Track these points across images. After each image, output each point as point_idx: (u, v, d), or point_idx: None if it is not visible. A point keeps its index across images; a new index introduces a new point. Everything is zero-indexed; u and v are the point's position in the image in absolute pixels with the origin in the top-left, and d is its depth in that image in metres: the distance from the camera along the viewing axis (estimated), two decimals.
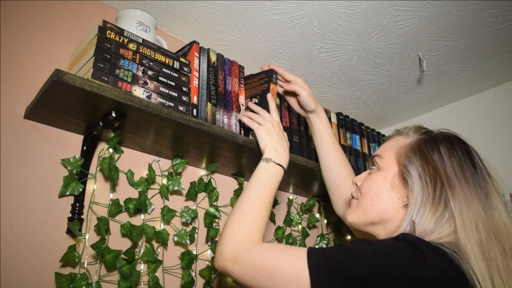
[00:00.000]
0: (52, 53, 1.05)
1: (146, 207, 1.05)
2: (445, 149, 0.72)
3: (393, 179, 0.75)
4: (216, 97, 1.14)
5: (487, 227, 0.64)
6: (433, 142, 0.74)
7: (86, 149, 1.00)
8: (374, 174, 0.79)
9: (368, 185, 0.78)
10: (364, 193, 0.78)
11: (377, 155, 0.81)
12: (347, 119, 1.65)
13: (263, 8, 1.23)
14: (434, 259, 0.58)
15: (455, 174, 0.69)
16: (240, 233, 0.73)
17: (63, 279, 0.87)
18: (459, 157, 0.71)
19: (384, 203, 0.75)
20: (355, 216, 0.80)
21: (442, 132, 0.79)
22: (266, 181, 0.84)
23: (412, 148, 0.75)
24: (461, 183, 0.68)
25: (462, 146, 0.74)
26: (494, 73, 1.61)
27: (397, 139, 0.81)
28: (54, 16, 1.08)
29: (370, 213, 0.76)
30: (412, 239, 0.61)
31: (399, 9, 1.25)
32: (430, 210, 0.67)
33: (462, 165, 0.70)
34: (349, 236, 1.67)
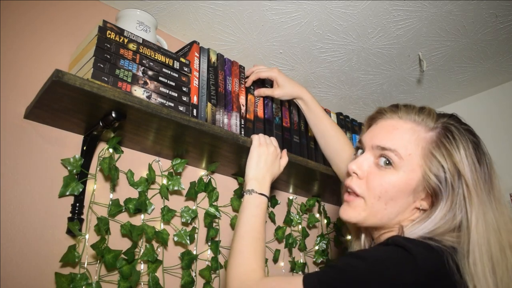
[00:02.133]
0: (52, 53, 1.05)
1: (146, 207, 1.05)
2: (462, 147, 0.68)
3: (416, 185, 0.69)
4: (216, 97, 1.14)
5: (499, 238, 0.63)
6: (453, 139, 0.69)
7: (86, 149, 1.00)
8: (391, 175, 0.70)
9: (385, 189, 0.70)
10: (377, 197, 0.71)
11: (392, 150, 0.71)
12: (347, 119, 1.65)
13: (263, 8, 1.23)
14: (425, 260, 0.58)
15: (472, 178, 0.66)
16: (241, 273, 0.74)
17: (63, 279, 0.87)
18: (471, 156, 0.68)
19: (399, 207, 0.70)
20: (361, 218, 0.73)
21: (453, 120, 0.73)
22: (253, 214, 0.85)
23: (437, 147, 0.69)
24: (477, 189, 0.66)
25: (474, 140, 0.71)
26: (494, 73, 1.61)
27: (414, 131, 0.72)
28: (54, 16, 1.08)
29: (382, 216, 0.71)
30: (401, 241, 0.61)
31: (399, 9, 1.25)
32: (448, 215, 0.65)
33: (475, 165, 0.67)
34: (349, 236, 1.67)
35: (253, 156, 0.98)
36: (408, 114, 0.74)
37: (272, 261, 1.37)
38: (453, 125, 0.72)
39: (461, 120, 0.75)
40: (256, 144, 1.00)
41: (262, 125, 1.26)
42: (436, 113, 0.75)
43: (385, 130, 0.74)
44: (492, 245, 0.62)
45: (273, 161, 0.99)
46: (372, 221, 0.73)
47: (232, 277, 0.75)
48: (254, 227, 0.83)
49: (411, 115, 0.74)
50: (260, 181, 0.93)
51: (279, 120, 1.32)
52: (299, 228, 1.49)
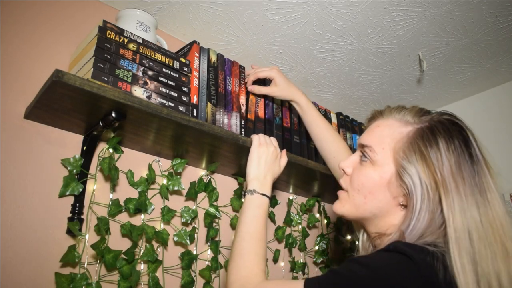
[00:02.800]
0: (52, 53, 1.05)
1: (146, 207, 1.05)
2: (444, 144, 0.67)
3: (390, 179, 0.71)
4: (216, 97, 1.14)
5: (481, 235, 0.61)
6: (431, 135, 0.68)
7: (86, 149, 1.00)
8: (367, 169, 0.74)
9: (362, 182, 0.74)
10: (356, 190, 0.75)
11: (368, 146, 0.75)
12: (347, 119, 1.65)
13: (263, 8, 1.23)
14: (428, 267, 0.57)
15: (452, 176, 0.64)
16: (242, 276, 0.74)
17: (63, 279, 0.87)
18: (457, 152, 0.66)
19: (379, 201, 0.73)
20: (345, 210, 0.78)
21: (441, 116, 0.73)
22: (254, 215, 0.85)
23: (410, 145, 0.69)
24: (457, 185, 0.64)
25: (461, 137, 0.69)
26: (494, 73, 1.61)
27: (392, 126, 0.74)
28: (54, 16, 1.08)
29: (364, 210, 0.75)
30: (403, 248, 0.60)
31: (399, 9, 1.25)
32: (428, 216, 0.64)
33: (460, 162, 0.66)
34: (349, 236, 1.67)
35: (253, 157, 0.98)
36: (391, 113, 0.77)
37: (272, 261, 1.37)
38: (440, 122, 0.71)
39: (454, 117, 0.73)
40: (256, 144, 1.00)
41: (263, 125, 1.26)
42: (422, 110, 0.76)
43: (370, 130, 0.79)
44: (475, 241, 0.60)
45: (273, 161, 0.99)
46: (355, 214, 0.77)
47: (233, 280, 0.74)
48: (256, 228, 0.83)
49: (393, 113, 0.77)
50: (261, 181, 0.93)
51: (279, 120, 1.32)
52: (299, 228, 1.49)
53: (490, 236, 0.61)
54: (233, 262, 0.78)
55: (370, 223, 0.76)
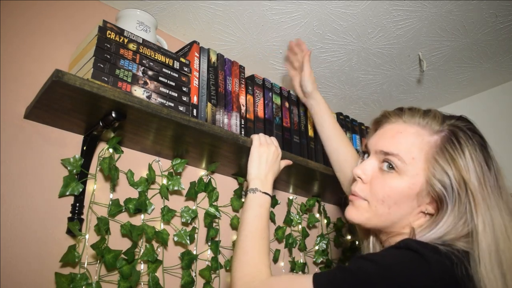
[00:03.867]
0: (52, 53, 1.05)
1: (146, 207, 1.05)
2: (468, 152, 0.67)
3: (420, 191, 0.68)
4: (216, 97, 1.14)
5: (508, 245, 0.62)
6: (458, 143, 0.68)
7: (86, 149, 1.00)
8: (394, 180, 0.70)
9: (388, 194, 0.70)
10: (381, 201, 0.71)
11: (394, 154, 0.70)
12: (347, 119, 1.65)
13: (263, 8, 1.23)
14: (439, 264, 0.57)
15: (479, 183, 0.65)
16: (246, 273, 0.73)
17: (63, 279, 0.87)
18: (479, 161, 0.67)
19: (403, 211, 0.70)
20: (365, 219, 0.74)
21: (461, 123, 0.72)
22: (256, 214, 0.85)
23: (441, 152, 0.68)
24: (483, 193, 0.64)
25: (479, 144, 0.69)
26: (494, 73, 1.61)
27: (418, 134, 0.71)
28: (54, 16, 1.08)
29: (385, 220, 0.72)
30: (414, 245, 0.59)
31: (399, 9, 1.25)
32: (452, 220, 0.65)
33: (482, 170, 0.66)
34: (349, 236, 1.67)
35: (254, 156, 0.98)
36: (412, 118, 0.74)
37: (272, 261, 1.37)
38: (460, 128, 0.70)
39: (469, 121, 0.73)
40: (256, 144, 1.00)
41: (262, 125, 1.26)
42: (442, 115, 0.74)
43: (389, 134, 0.74)
44: (501, 250, 0.61)
45: (274, 160, 0.99)
46: (375, 223, 0.73)
47: (237, 277, 0.73)
48: (259, 226, 0.83)
49: (415, 118, 0.74)
50: (263, 180, 0.93)
51: (279, 120, 1.32)
52: (299, 228, 1.49)
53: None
54: (237, 260, 0.77)
55: (386, 229, 0.74)
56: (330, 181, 1.41)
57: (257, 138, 1.03)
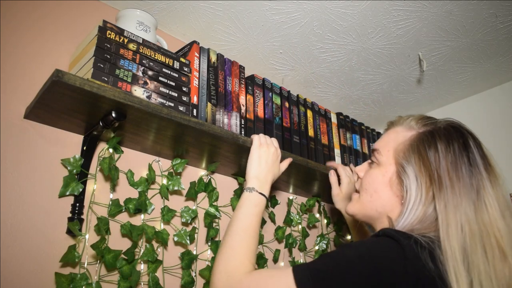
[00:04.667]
0: (52, 53, 1.05)
1: (146, 207, 1.05)
2: (442, 146, 0.71)
3: (391, 178, 0.76)
4: (216, 97, 1.14)
5: (474, 229, 0.63)
6: (431, 138, 0.73)
7: (86, 149, 1.00)
8: (373, 170, 0.81)
9: (368, 182, 0.81)
10: (364, 189, 0.81)
11: (376, 149, 0.82)
12: (347, 119, 1.65)
13: (263, 8, 1.23)
14: (414, 251, 0.59)
15: (448, 175, 0.68)
16: (230, 266, 0.73)
17: (63, 279, 0.87)
18: (455, 154, 0.70)
19: (382, 200, 0.77)
20: (355, 209, 0.84)
21: (445, 123, 0.77)
22: (250, 212, 0.85)
23: (410, 146, 0.74)
24: (452, 184, 0.67)
25: (460, 140, 0.72)
26: (494, 73, 1.61)
27: (398, 131, 0.80)
28: (54, 16, 1.08)
29: (370, 208, 0.80)
30: (392, 232, 0.63)
31: (399, 9, 1.25)
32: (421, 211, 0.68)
33: (456, 163, 0.68)
34: (349, 236, 1.67)
35: (254, 157, 0.97)
36: (399, 121, 0.83)
37: (272, 261, 1.37)
38: (439, 128, 0.75)
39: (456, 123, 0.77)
40: (256, 144, 1.00)
41: (262, 125, 1.26)
42: (427, 118, 0.80)
43: (381, 137, 0.86)
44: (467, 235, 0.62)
45: (274, 162, 0.99)
46: (363, 212, 0.82)
47: (220, 270, 0.73)
48: (250, 225, 0.83)
49: (401, 121, 0.82)
50: (261, 180, 0.93)
51: (279, 120, 1.32)
52: (299, 228, 1.49)
53: (485, 238, 0.63)
54: (222, 253, 0.76)
55: (378, 223, 0.79)
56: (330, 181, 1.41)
57: (257, 138, 1.02)
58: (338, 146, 1.54)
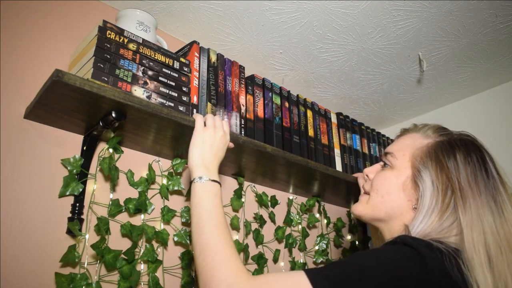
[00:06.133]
0: (52, 53, 1.05)
1: (146, 207, 1.05)
2: (461, 156, 0.72)
3: (405, 181, 0.76)
4: (216, 97, 1.14)
5: (497, 239, 0.64)
6: (450, 148, 0.74)
7: (86, 149, 1.00)
8: (387, 172, 0.80)
9: (380, 182, 0.80)
10: (375, 190, 0.80)
11: (390, 153, 0.82)
12: (347, 119, 1.65)
13: (263, 8, 1.23)
14: (434, 259, 0.58)
15: (469, 184, 0.69)
16: (226, 275, 0.65)
17: (63, 279, 0.87)
18: (474, 165, 0.71)
19: (394, 202, 0.77)
20: (363, 210, 0.82)
21: (460, 135, 0.78)
22: (214, 205, 0.76)
23: (428, 153, 0.75)
24: (473, 193, 0.68)
25: (478, 153, 0.74)
26: (494, 73, 1.61)
27: (414, 137, 0.81)
28: (54, 16, 1.08)
29: (379, 210, 0.79)
30: (410, 241, 0.61)
31: (399, 9, 1.25)
32: (435, 217, 0.68)
33: (476, 174, 0.70)
34: (349, 236, 1.67)
35: (196, 141, 0.85)
36: (415, 128, 0.84)
37: (272, 261, 1.37)
38: (457, 139, 0.77)
39: (472, 137, 0.79)
40: (199, 127, 0.87)
41: (262, 125, 1.26)
42: (443, 128, 0.82)
43: (395, 141, 0.86)
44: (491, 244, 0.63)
45: (221, 148, 0.87)
46: (371, 213, 0.81)
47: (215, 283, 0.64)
48: (220, 219, 0.74)
49: (417, 128, 0.84)
50: (208, 167, 0.82)
51: (279, 120, 1.32)
52: (299, 228, 1.49)
53: (506, 247, 0.64)
54: (208, 261, 0.68)
55: (385, 227, 0.79)
56: (330, 181, 1.41)
57: (200, 120, 0.89)
58: (338, 146, 1.54)
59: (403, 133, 0.86)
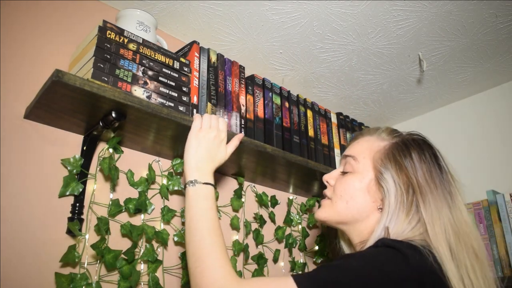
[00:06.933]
0: (52, 53, 1.05)
1: (146, 207, 1.05)
2: (416, 155, 0.76)
3: (369, 184, 0.79)
4: (216, 97, 1.14)
5: (455, 229, 0.69)
6: (405, 148, 0.78)
7: (86, 149, 1.00)
8: (349, 177, 0.82)
9: (344, 188, 0.81)
10: (339, 196, 0.81)
11: (351, 156, 0.83)
12: (347, 119, 1.65)
13: (263, 8, 1.23)
14: (415, 258, 0.62)
15: (426, 181, 0.73)
16: (216, 278, 0.67)
17: (63, 279, 0.87)
18: (428, 162, 0.76)
19: (359, 205, 0.79)
20: (328, 215, 0.83)
21: (411, 135, 0.83)
22: (205, 208, 0.78)
23: (387, 154, 0.78)
24: (431, 189, 0.72)
25: (430, 151, 0.78)
26: (494, 73, 1.61)
27: (370, 141, 0.84)
28: (54, 16, 1.08)
29: (345, 215, 0.80)
30: (391, 242, 0.65)
31: (399, 9, 1.25)
32: (402, 215, 0.72)
33: (431, 171, 0.75)
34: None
35: (191, 144, 0.86)
36: (368, 132, 0.87)
37: (272, 261, 1.37)
38: (411, 138, 0.81)
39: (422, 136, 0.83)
40: (196, 128, 0.88)
41: (262, 125, 1.26)
42: (395, 130, 0.85)
43: (351, 145, 0.88)
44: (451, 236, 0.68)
45: (216, 148, 0.88)
46: (336, 218, 0.82)
47: (207, 283, 0.67)
48: (211, 222, 0.76)
49: (370, 132, 0.87)
50: (201, 169, 0.83)
51: (279, 120, 1.32)
52: (299, 228, 1.49)
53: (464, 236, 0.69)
54: (198, 264, 0.70)
55: (352, 230, 0.81)
56: None
57: (198, 121, 0.89)
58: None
59: (357, 136, 0.88)
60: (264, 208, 1.41)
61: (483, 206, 1.40)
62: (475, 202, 1.42)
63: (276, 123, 1.30)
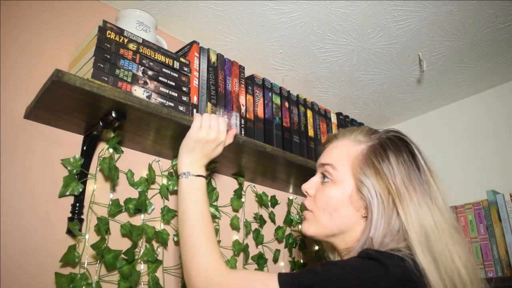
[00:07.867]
0: (52, 53, 1.05)
1: (146, 207, 1.05)
2: (394, 157, 0.74)
3: (351, 194, 0.76)
4: (216, 97, 1.14)
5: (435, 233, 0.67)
6: (382, 150, 0.75)
7: (86, 149, 1.00)
8: (330, 188, 0.78)
9: (326, 201, 0.78)
10: (321, 209, 0.78)
11: (329, 164, 0.80)
12: (347, 119, 1.65)
13: (263, 8, 1.23)
14: (396, 268, 0.62)
15: (404, 185, 0.71)
16: (203, 269, 0.71)
17: (63, 279, 0.87)
18: (406, 163, 0.73)
19: (344, 217, 0.76)
20: (314, 230, 0.80)
21: (387, 134, 0.79)
22: (196, 199, 0.81)
23: (365, 160, 0.76)
24: (410, 194, 0.70)
25: (407, 149, 0.76)
26: (494, 73, 1.61)
27: (348, 145, 0.80)
28: (54, 16, 1.08)
29: (331, 227, 0.78)
30: (373, 253, 0.64)
31: (399, 9, 1.25)
32: (385, 223, 0.70)
33: (409, 173, 0.72)
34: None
35: (189, 142, 0.87)
36: (344, 135, 0.83)
37: (272, 261, 1.37)
38: (387, 138, 0.78)
39: (398, 133, 0.80)
40: (194, 127, 0.88)
41: (262, 125, 1.26)
42: (371, 130, 0.82)
43: (327, 151, 0.84)
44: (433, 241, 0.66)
45: (211, 149, 0.90)
46: (323, 232, 0.79)
47: (193, 275, 0.71)
48: (201, 213, 0.79)
49: (346, 134, 0.83)
50: (194, 163, 0.86)
51: (279, 120, 1.32)
52: (299, 228, 1.49)
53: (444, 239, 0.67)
54: (189, 253, 0.74)
55: (339, 240, 0.79)
56: None
57: (198, 120, 0.89)
58: None
59: (332, 140, 0.85)
60: (264, 208, 1.41)
61: (483, 206, 1.40)
62: (475, 202, 1.42)
63: (276, 123, 1.30)
